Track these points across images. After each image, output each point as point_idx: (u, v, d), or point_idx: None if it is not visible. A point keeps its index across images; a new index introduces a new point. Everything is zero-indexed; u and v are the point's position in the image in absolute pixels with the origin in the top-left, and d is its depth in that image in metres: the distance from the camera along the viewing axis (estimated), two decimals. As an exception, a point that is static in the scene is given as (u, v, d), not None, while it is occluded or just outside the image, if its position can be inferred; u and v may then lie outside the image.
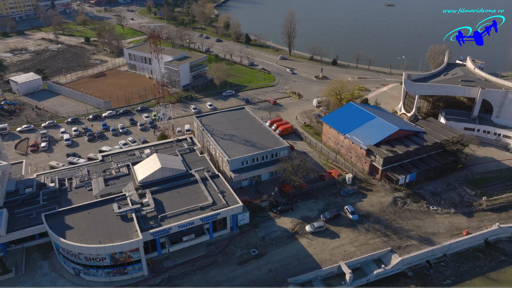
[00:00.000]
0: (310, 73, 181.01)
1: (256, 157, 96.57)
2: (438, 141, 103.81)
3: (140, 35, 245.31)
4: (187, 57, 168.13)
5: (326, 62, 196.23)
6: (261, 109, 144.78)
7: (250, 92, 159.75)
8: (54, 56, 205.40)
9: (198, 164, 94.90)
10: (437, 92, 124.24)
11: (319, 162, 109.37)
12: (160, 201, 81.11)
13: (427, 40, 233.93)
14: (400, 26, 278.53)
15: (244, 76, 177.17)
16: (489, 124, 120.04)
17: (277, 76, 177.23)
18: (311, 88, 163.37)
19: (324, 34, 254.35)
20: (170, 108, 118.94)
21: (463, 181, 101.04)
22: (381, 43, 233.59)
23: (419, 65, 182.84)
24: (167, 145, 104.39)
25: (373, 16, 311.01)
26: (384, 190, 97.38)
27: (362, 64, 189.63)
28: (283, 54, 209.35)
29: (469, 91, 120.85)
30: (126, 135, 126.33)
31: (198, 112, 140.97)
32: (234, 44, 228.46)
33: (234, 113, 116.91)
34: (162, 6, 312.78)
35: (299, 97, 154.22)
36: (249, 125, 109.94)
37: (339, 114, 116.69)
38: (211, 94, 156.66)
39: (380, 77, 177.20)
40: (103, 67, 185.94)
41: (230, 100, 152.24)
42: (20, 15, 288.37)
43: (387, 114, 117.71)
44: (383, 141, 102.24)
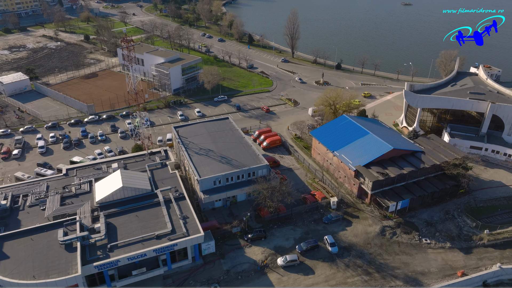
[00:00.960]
0: (311, 78, 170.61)
1: (230, 176, 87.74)
2: (437, 163, 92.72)
3: (142, 33, 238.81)
4: (180, 59, 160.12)
5: (329, 66, 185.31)
6: (252, 117, 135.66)
7: (243, 98, 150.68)
8: (50, 54, 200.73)
9: (167, 182, 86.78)
10: (441, 105, 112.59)
11: (305, 181, 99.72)
12: (114, 226, 73.31)
13: (440, 43, 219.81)
14: (414, 27, 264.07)
15: (241, 79, 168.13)
16: (499, 142, 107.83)
17: (275, 81, 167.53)
18: (310, 95, 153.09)
19: (332, 35, 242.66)
20: (147, 116, 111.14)
21: (464, 210, 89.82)
22: (391, 46, 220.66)
23: (428, 72, 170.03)
24: (139, 158, 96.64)
25: (386, 16, 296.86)
26: (372, 218, 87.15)
27: (368, 68, 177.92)
28: (286, 56, 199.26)
29: (477, 105, 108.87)
30: (105, 143, 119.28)
31: (185, 119, 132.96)
32: (237, 44, 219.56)
33: (216, 124, 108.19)
34: (169, 3, 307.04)
35: (294, 105, 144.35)
36: (230, 138, 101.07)
37: (330, 128, 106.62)
38: (202, 99, 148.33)
39: (386, 84, 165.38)
40: (97, 67, 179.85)
41: (221, 106, 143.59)
42: (26, 11, 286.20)
43: (384, 129, 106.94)
44: (374, 161, 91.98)
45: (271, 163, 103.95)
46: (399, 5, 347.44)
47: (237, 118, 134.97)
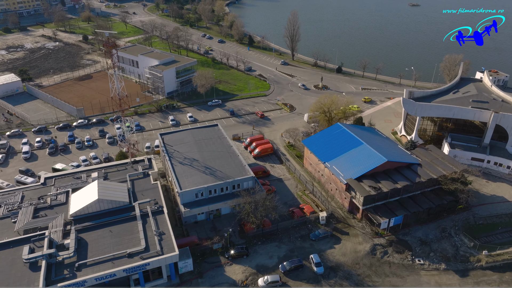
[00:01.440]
0: (310, 82, 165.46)
1: (213, 188, 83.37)
2: (434, 177, 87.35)
3: (142, 33, 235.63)
4: (175, 61, 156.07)
5: (330, 69, 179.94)
6: (246, 122, 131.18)
7: (238, 102, 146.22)
8: (47, 54, 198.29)
9: (147, 193, 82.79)
10: (441, 114, 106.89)
11: (295, 193, 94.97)
12: (86, 242, 69.43)
13: (446, 46, 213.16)
14: (420, 29, 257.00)
15: (238, 83, 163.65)
16: (502, 154, 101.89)
17: (273, 84, 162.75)
18: (307, 100, 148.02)
19: (335, 37, 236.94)
20: (133, 123, 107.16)
21: (462, 227, 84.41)
22: (394, 49, 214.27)
23: (432, 76, 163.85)
24: (121, 167, 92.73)
25: (392, 18, 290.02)
26: (363, 235, 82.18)
27: (370, 72, 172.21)
28: (286, 58, 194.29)
29: (479, 114, 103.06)
30: (92, 148, 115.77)
31: (177, 124, 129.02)
32: (237, 46, 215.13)
33: (204, 131, 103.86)
34: (171, 3, 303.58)
35: (290, 110, 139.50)
36: (217, 147, 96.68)
37: (322, 137, 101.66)
38: (195, 103, 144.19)
39: (387, 89, 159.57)
40: (92, 69, 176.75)
41: (214, 111, 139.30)
42: (28, 10, 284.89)
43: (379, 138, 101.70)
44: (367, 174, 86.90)
45: (260, 173, 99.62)
46: (407, 6, 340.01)
47: (230, 123, 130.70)
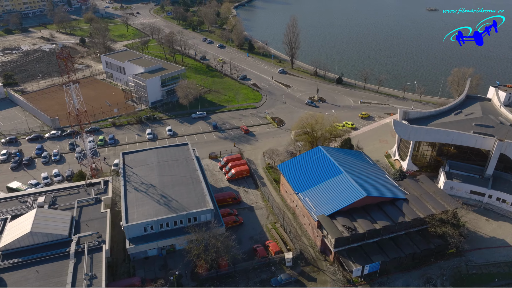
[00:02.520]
0: (306, 93, 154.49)
1: (165, 222, 74.09)
2: (421, 217, 75.73)
3: (143, 36, 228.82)
4: (163, 69, 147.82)
5: (330, 79, 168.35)
6: (228, 138, 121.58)
7: (225, 115, 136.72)
8: (40, 58, 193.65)
9: (93, 224, 74.34)
10: (439, 139, 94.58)
11: (264, 226, 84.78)
12: (5, 284, 61.16)
13: (460, 56, 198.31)
14: (435, 35, 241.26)
15: (228, 92, 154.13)
16: (507, 188, 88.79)
17: (266, 95, 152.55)
18: (300, 114, 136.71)
19: (342, 43, 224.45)
20: (93, 140, 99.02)
21: (451, 277, 72.52)
22: (403, 58, 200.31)
23: (439, 91, 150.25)
24: (74, 190, 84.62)
25: (406, 23, 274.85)
26: (333, 282, 71.37)
27: (372, 83, 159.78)
28: (285, 66, 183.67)
29: (482, 141, 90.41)
30: (59, 163, 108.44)
31: (154, 138, 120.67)
32: (236, 51, 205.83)
33: (171, 152, 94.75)
34: (179, 4, 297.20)
35: (278, 125, 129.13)
36: (180, 170, 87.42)
37: (301, 162, 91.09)
38: (179, 115, 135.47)
39: (389, 103, 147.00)
40: (80, 74, 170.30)
41: (197, 124, 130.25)
42: (34, 11, 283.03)
43: (365, 166, 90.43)
44: (343, 210, 76.05)
45: (229, 200, 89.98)
46: (424, 10, 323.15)
47: (211, 139, 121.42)
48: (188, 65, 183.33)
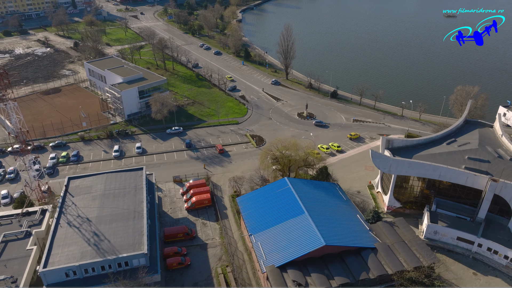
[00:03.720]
0: (296, 108, 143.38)
1: (90, 267, 65.00)
2: (389, 273, 64.16)
3: (141, 40, 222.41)
4: (143, 79, 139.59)
5: (325, 92, 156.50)
6: (200, 159, 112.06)
7: (203, 131, 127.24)
8: (30, 62, 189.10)
9: (12, 265, 66.05)
10: (424, 174, 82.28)
11: (213, 270, 74.68)
12: None
13: (472, 68, 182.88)
14: (447, 46, 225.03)
15: (213, 105, 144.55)
16: (501, 236, 75.93)
17: (252, 109, 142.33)
18: (284, 132, 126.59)
19: (343, 53, 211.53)
20: (38, 163, 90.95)
21: None
22: (408, 70, 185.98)
23: (440, 110, 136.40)
24: (6, 220, 76.74)
25: (420, 30, 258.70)
26: None
27: (369, 98, 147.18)
28: (280, 77, 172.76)
29: (473, 179, 77.82)
30: (13, 182, 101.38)
31: (120, 156, 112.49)
32: (232, 59, 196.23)
33: (122, 177, 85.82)
34: (183, 8, 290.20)
35: (258, 145, 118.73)
36: (125, 202, 78.35)
37: (262, 195, 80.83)
38: (153, 130, 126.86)
39: (385, 122, 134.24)
40: (64, 82, 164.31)
41: (171, 140, 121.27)
42: (37, 12, 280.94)
43: (335, 203, 79.28)
44: (298, 260, 65.31)
45: (181, 236, 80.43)
46: (441, 16, 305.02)
47: (181, 158, 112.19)
48: (178, 73, 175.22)
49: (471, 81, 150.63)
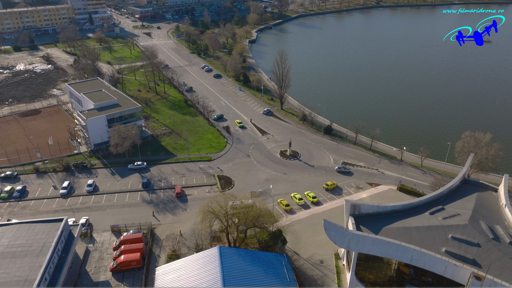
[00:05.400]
0: (281, 144, 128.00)
1: None
2: None
3: (143, 59, 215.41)
4: (117, 105, 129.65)
5: (318, 126, 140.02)
6: (153, 202, 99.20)
7: (169, 167, 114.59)
8: (25, 80, 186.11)
9: None
10: (392, 255, 64.64)
11: None
12: None
13: (486, 113, 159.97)
14: (475, 75, 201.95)
15: (190, 137, 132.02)
16: None
17: (231, 143, 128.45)
18: (259, 174, 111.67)
19: (348, 80, 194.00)
20: None
21: None
22: (420, 103, 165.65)
23: (445, 156, 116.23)
24: None
25: (446, 56, 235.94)
26: None
27: (367, 136, 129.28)
28: (274, 106, 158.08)
29: (453, 271, 59.56)
30: None
31: (67, 195, 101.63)
32: (231, 83, 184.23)
33: (34, 230, 74.16)
34: (197, 26, 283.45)
35: (223, 188, 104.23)
36: (21, 266, 66.21)
37: (183, 269, 65.96)
38: (115, 164, 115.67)
39: (378, 168, 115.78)
40: (46, 102, 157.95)
41: (129, 178, 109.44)
42: (54, 28, 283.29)
43: (272, 282, 63.12)
44: None
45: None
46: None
47: (133, 201, 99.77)
48: (168, 98, 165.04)
49: (484, 125, 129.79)
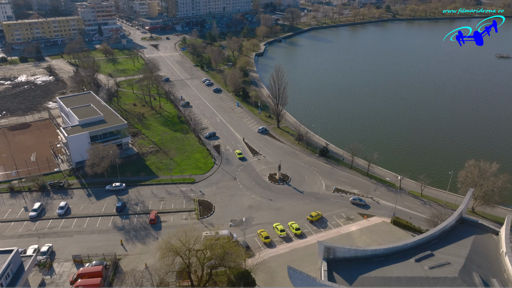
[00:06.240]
0: (272, 167, 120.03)
1: None
2: None
3: (145, 72, 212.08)
4: (103, 122, 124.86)
5: (315, 146, 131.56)
6: (124, 229, 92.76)
7: (148, 190, 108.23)
8: (23, 91, 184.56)
9: None
10: (364, 311, 55.68)
11: None
12: None
13: (493, 141, 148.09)
14: (489, 95, 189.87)
15: (178, 156, 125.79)
16: None
17: (219, 164, 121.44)
18: (242, 199, 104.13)
19: (351, 99, 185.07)
20: None
21: None
22: (430, 126, 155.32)
23: (447, 185, 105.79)
24: None
25: (461, 73, 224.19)
26: None
27: (364, 158, 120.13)
28: (271, 124, 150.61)
29: (434, 338, 50.10)
30: None
31: (38, 217, 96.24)
32: (229, 98, 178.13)
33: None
34: (205, 38, 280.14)
35: (201, 215, 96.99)
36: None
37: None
38: (93, 184, 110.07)
39: (374, 196, 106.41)
40: (38, 116, 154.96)
41: (105, 200, 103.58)
42: (63, 39, 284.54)
43: None
44: None
45: None
46: (493, 57, 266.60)
47: (103, 227, 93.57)
48: (162, 113, 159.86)
49: (491, 153, 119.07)
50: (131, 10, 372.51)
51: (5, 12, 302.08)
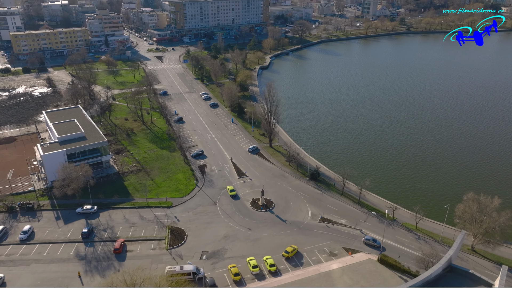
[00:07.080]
0: (257, 191, 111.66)
1: None
2: None
3: (143, 85, 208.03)
4: (83, 139, 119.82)
5: (305, 170, 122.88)
6: (85, 259, 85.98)
7: (121, 214, 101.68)
8: (18, 103, 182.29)
9: None
10: None
11: None
12: None
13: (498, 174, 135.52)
14: (501, 119, 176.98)
15: (159, 176, 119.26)
16: None
17: (201, 187, 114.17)
18: (218, 228, 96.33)
19: (361, 115, 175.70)
20: None
21: None
22: (430, 151, 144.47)
23: (444, 218, 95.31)
24: None
25: (474, 90, 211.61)
26: None
27: (357, 184, 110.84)
28: (264, 142, 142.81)
29: None
30: None
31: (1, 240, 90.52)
32: (225, 114, 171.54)
33: None
34: (210, 50, 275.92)
35: (171, 245, 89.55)
36: None
37: None
38: (64, 206, 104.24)
39: (363, 228, 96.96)
40: (25, 130, 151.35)
41: (73, 224, 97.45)
42: (69, 50, 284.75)
43: None
44: None
45: None
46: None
47: (64, 255, 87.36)
48: (153, 129, 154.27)
49: (494, 186, 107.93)
50: (140, 22, 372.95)
51: (14, 23, 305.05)
